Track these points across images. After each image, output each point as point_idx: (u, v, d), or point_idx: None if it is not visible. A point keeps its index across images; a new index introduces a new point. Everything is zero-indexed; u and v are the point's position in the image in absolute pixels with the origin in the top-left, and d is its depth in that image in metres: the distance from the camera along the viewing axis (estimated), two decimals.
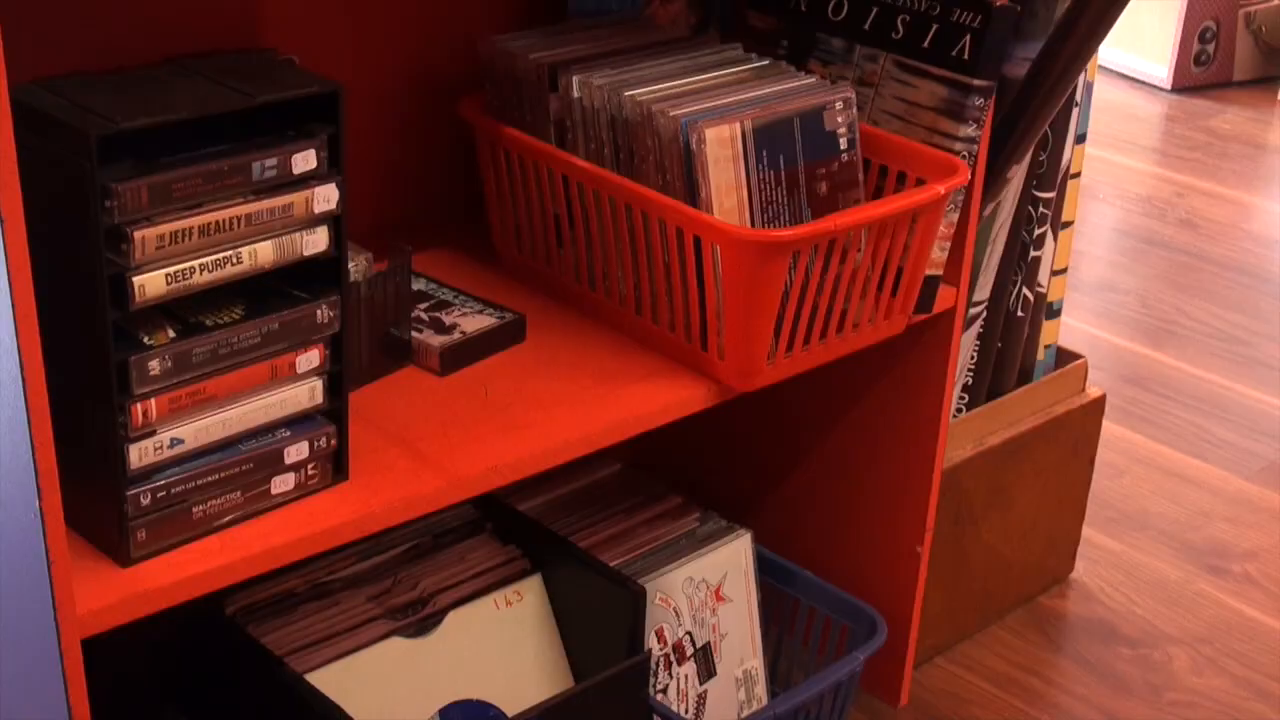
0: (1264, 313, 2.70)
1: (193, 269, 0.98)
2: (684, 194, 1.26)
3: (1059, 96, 1.48)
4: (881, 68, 1.42)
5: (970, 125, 1.37)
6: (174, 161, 0.96)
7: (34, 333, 0.86)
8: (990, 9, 1.35)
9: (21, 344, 0.86)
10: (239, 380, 1.03)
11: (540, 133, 1.36)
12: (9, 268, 0.84)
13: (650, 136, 1.27)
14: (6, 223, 0.84)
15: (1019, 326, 1.75)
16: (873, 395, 1.58)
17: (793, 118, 1.29)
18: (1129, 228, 3.04)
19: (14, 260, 0.84)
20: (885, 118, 1.42)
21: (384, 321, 1.26)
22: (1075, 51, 1.44)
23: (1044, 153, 1.66)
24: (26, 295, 0.85)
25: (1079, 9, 1.42)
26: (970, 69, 1.36)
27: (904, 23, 1.40)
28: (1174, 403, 2.38)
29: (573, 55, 1.36)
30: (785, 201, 1.29)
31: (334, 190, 1.03)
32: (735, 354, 1.27)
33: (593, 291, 1.37)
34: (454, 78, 1.49)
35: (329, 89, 1.02)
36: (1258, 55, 3.75)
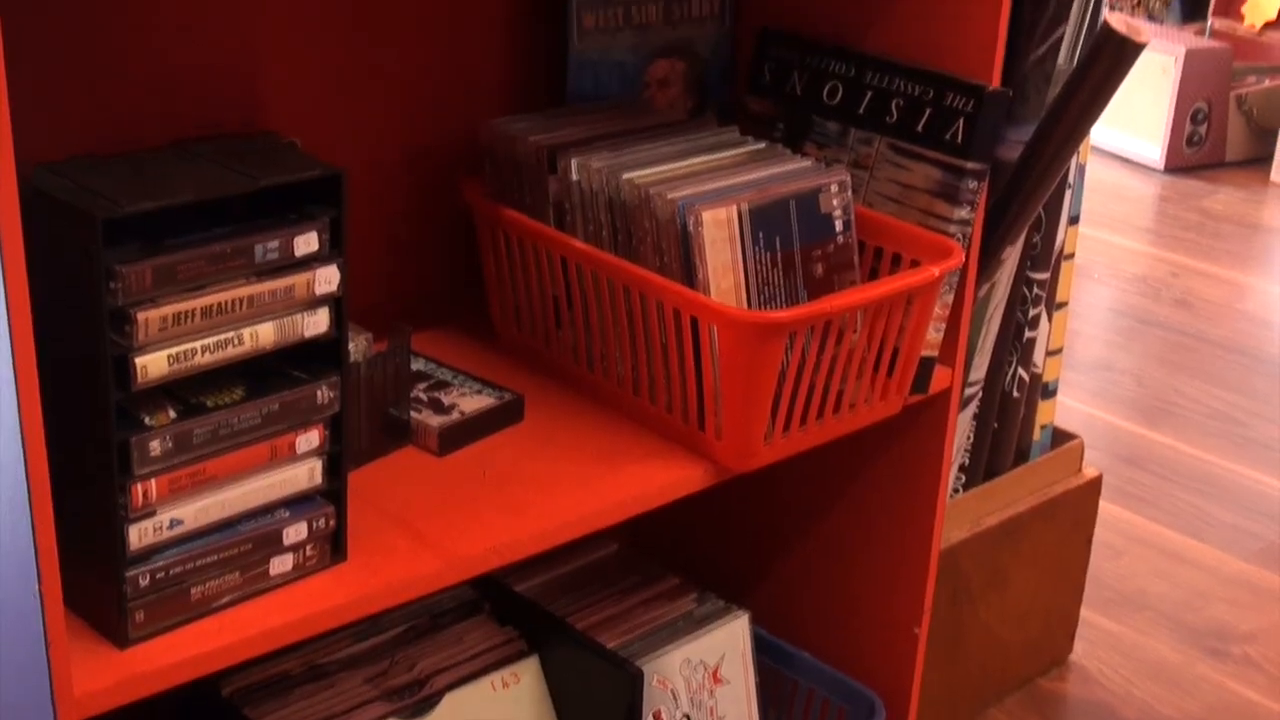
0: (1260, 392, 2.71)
1: (195, 350, 0.99)
2: (681, 275, 1.27)
3: (1052, 179, 1.50)
4: (876, 151, 1.44)
5: (964, 208, 1.39)
6: (178, 244, 0.97)
7: (37, 413, 0.87)
8: (983, 93, 1.37)
9: (24, 424, 0.87)
10: (239, 461, 1.04)
11: (539, 214, 1.37)
12: (14, 349, 0.85)
13: (648, 218, 1.28)
14: (12, 304, 0.84)
15: (1015, 407, 1.76)
16: (869, 475, 1.58)
17: (789, 200, 1.30)
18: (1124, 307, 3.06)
19: (19, 342, 0.85)
20: (880, 200, 1.43)
21: (383, 401, 1.27)
22: (1067, 135, 1.46)
23: (1038, 234, 1.67)
24: (30, 375, 0.86)
25: (1071, 93, 1.44)
26: (964, 152, 1.38)
27: (898, 107, 1.42)
28: (1171, 483, 2.38)
29: (571, 138, 1.38)
30: (782, 283, 1.31)
31: (335, 272, 1.04)
32: (732, 434, 1.28)
33: (591, 372, 1.38)
34: (454, 160, 1.50)
35: (331, 173, 1.03)
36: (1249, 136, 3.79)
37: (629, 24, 1.51)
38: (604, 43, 1.51)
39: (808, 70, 1.49)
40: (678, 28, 1.55)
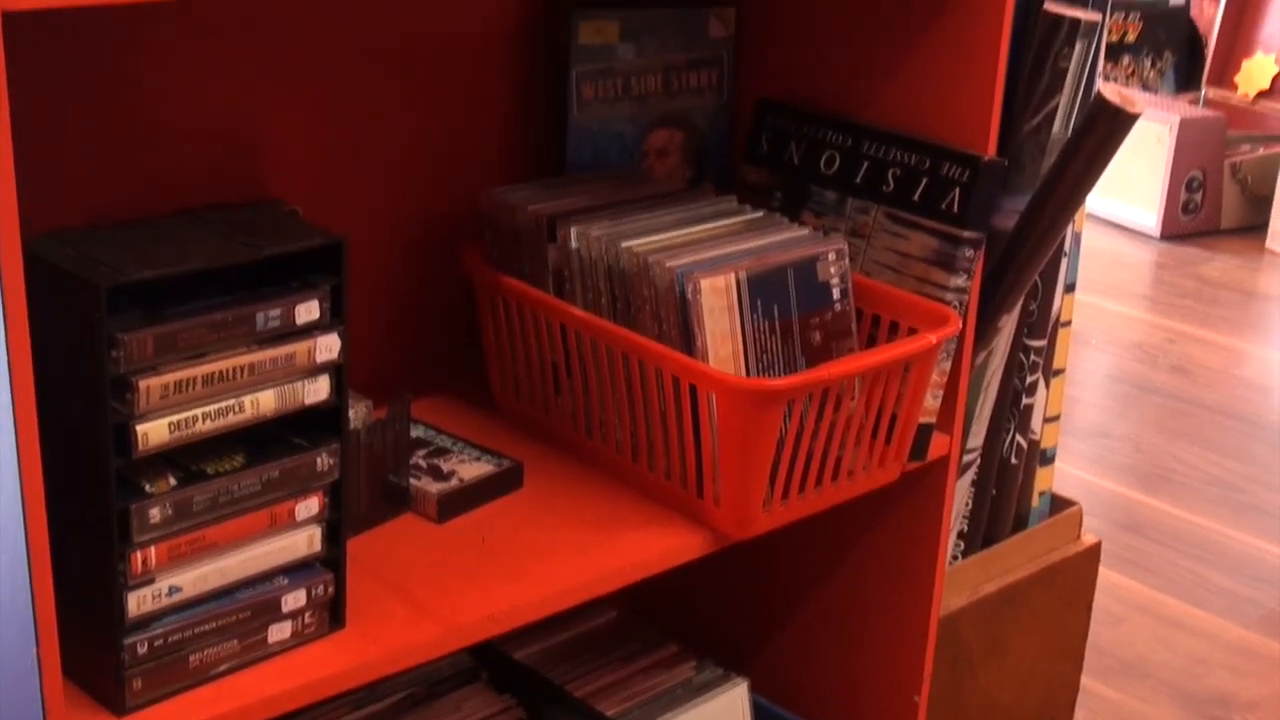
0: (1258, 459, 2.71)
1: (195, 417, 0.99)
2: (680, 343, 1.27)
3: (1048, 247, 1.51)
4: (873, 219, 1.45)
5: (961, 276, 1.40)
6: (180, 312, 0.98)
7: (38, 479, 0.87)
8: (979, 163, 1.38)
9: (25, 491, 0.87)
10: (238, 528, 1.04)
11: (539, 282, 1.38)
12: (15, 415, 0.86)
13: (647, 286, 1.29)
14: (15, 370, 0.85)
15: (1013, 473, 1.76)
16: (868, 542, 1.58)
17: (786, 268, 1.31)
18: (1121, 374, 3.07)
19: (20, 408, 0.86)
20: (877, 268, 1.44)
21: (383, 468, 1.27)
22: (1062, 204, 1.47)
23: (1034, 302, 1.68)
24: (31, 441, 0.87)
25: (1065, 163, 1.45)
26: (960, 221, 1.39)
27: (894, 176, 1.43)
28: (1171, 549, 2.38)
29: (571, 207, 1.39)
30: (780, 350, 1.31)
31: (336, 340, 1.05)
32: (731, 501, 1.28)
33: (590, 439, 1.39)
34: (454, 228, 1.51)
35: (332, 242, 1.04)
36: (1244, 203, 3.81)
37: (628, 95, 1.53)
38: (603, 113, 1.52)
39: (805, 140, 1.51)
40: (676, 98, 1.56)
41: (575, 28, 1.49)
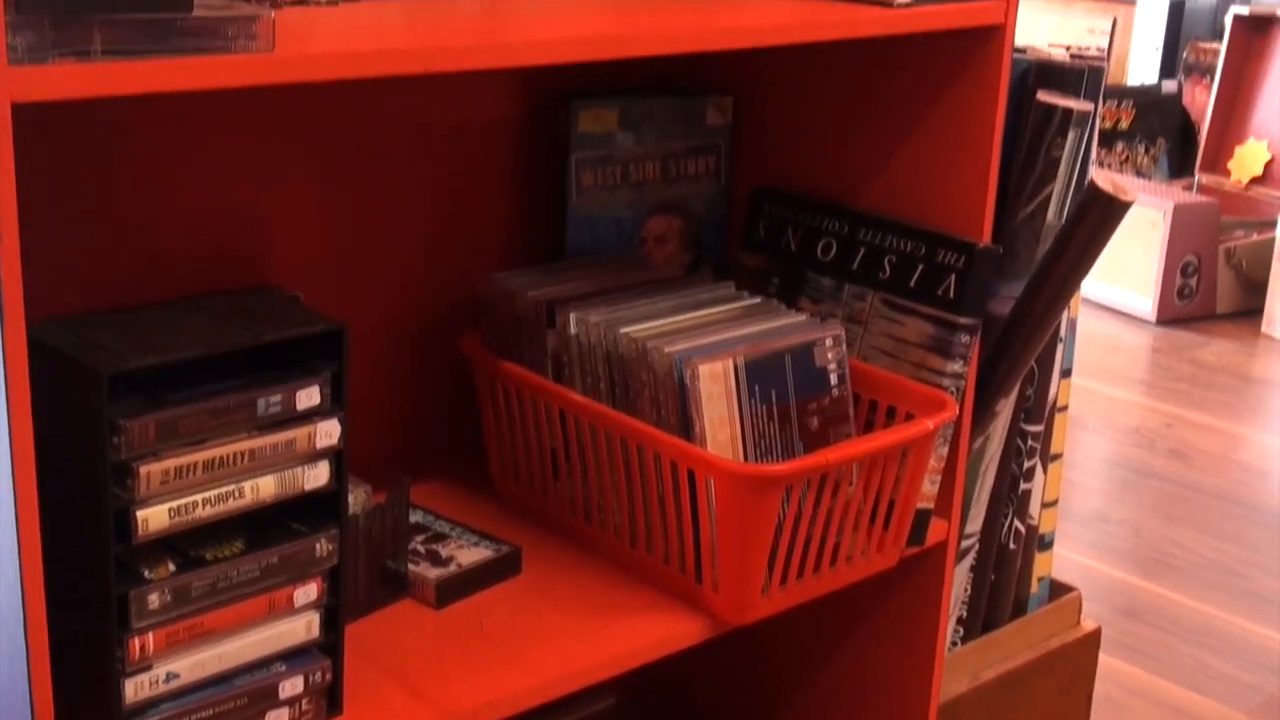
0: (1257, 544, 2.71)
1: (195, 503, 0.99)
2: (678, 428, 1.28)
3: (1043, 333, 1.52)
4: (870, 305, 1.46)
5: (957, 361, 1.41)
6: (181, 398, 0.99)
7: (37, 564, 0.87)
8: (974, 250, 1.40)
9: (24, 575, 0.87)
10: (237, 614, 1.04)
11: (538, 368, 1.39)
12: (16, 500, 0.86)
13: (645, 372, 1.30)
14: (16, 456, 0.85)
15: (1012, 559, 1.76)
16: (867, 628, 1.58)
17: (784, 354, 1.32)
18: (1119, 459, 3.07)
19: (22, 493, 0.86)
20: (874, 354, 1.45)
21: (381, 554, 1.27)
22: (1057, 290, 1.48)
23: (1031, 387, 1.69)
24: (32, 527, 0.87)
25: (1060, 250, 1.47)
26: (956, 307, 1.40)
27: (891, 263, 1.45)
28: (1171, 635, 2.37)
29: (570, 293, 1.40)
30: (778, 436, 1.32)
31: (336, 426, 1.06)
32: (729, 587, 1.28)
33: (588, 524, 1.39)
34: (454, 313, 1.52)
35: (333, 328, 1.05)
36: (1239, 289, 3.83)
37: (627, 181, 1.55)
38: (602, 200, 1.54)
39: (802, 227, 1.52)
40: (674, 185, 1.58)
41: (575, 116, 1.50)
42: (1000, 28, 1.37)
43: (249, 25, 0.91)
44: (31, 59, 0.83)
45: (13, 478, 0.85)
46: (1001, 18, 1.37)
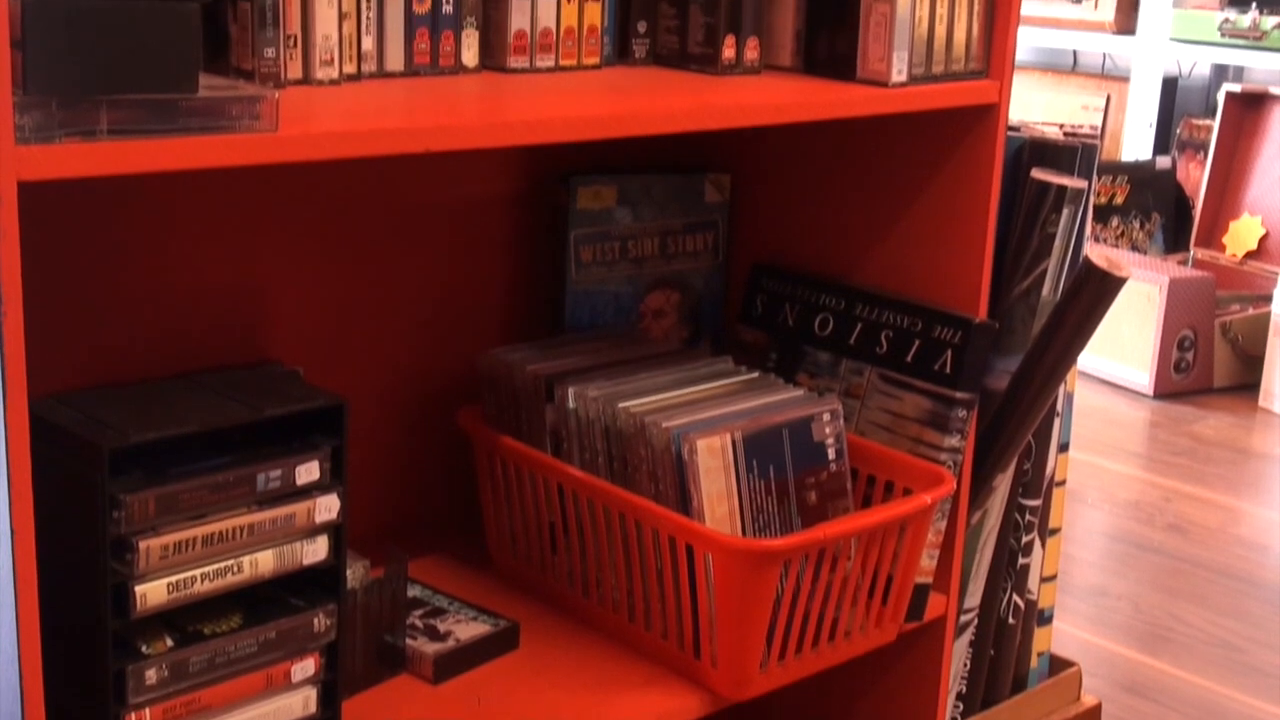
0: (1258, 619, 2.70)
1: (194, 578, 1.00)
2: (676, 503, 1.28)
3: (1040, 408, 1.53)
4: (867, 380, 1.47)
5: (954, 436, 1.41)
6: (181, 472, 0.99)
7: (35, 640, 0.87)
8: (970, 325, 1.41)
9: (22, 650, 0.87)
10: (234, 689, 1.04)
11: (536, 442, 1.39)
12: (16, 574, 0.86)
13: (643, 446, 1.30)
14: (16, 530, 0.86)
15: (1011, 633, 1.75)
16: (866, 704, 1.57)
17: (782, 428, 1.33)
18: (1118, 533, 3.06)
19: (21, 567, 0.86)
20: (872, 428, 1.46)
21: (379, 628, 1.27)
22: (1054, 365, 1.49)
23: (1028, 461, 1.69)
24: (30, 602, 0.87)
25: (1056, 326, 1.48)
26: (952, 382, 1.41)
27: (887, 338, 1.46)
28: (1172, 710, 2.35)
29: (568, 368, 1.41)
30: (775, 510, 1.32)
31: (335, 500, 1.06)
32: (728, 662, 1.27)
33: (586, 598, 1.39)
34: (453, 388, 1.53)
35: (333, 404, 1.06)
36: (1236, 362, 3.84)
37: (625, 257, 1.56)
38: (601, 275, 1.55)
39: (799, 302, 1.53)
40: (672, 261, 1.59)
41: (574, 192, 1.52)
42: (994, 107, 1.39)
43: (253, 105, 0.93)
44: (38, 138, 0.85)
45: (12, 552, 0.86)
46: (995, 97, 1.39)
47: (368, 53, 1.21)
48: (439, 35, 1.25)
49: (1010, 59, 1.40)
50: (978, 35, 1.39)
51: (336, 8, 1.16)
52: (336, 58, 1.17)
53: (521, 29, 1.30)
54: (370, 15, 1.21)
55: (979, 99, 1.38)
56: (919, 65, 1.34)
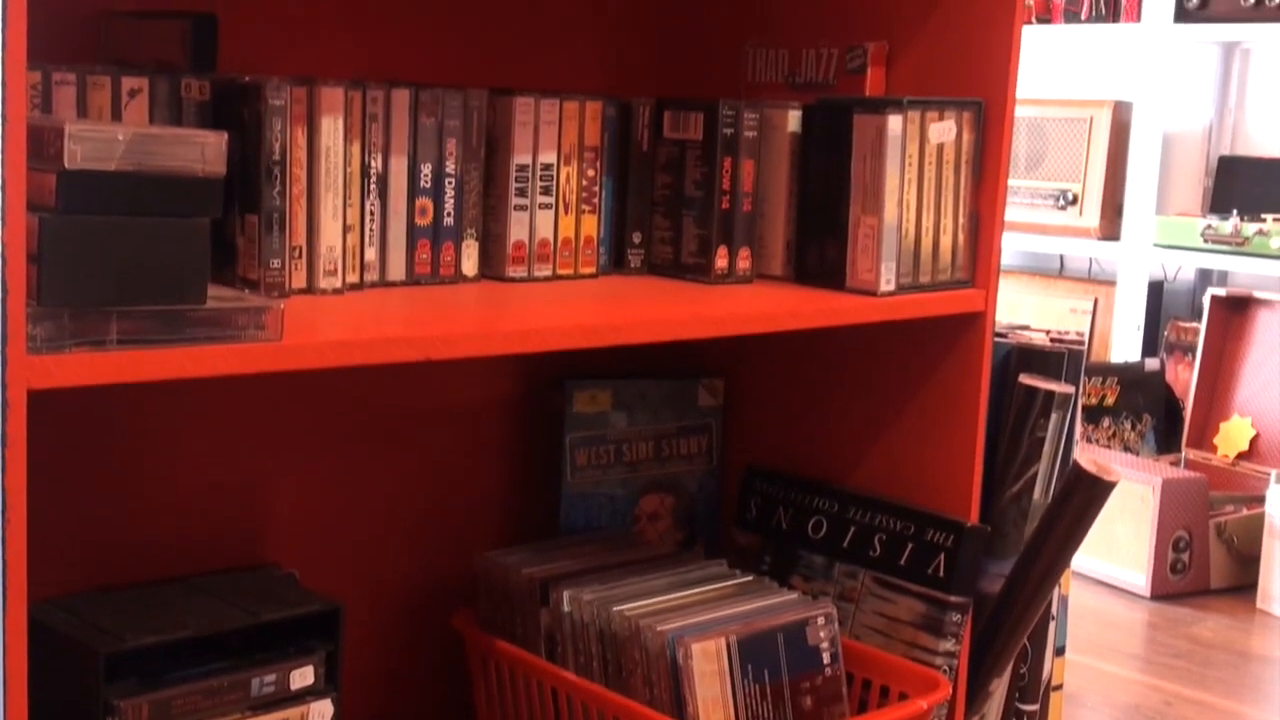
0: None
1: None
2: (672, 708, 1.28)
3: (1035, 612, 1.53)
4: (861, 584, 1.48)
5: (949, 640, 1.41)
6: (176, 678, 0.99)
7: None
8: (962, 528, 1.42)
9: None
10: None
11: (531, 645, 1.39)
12: None
13: (638, 650, 1.30)
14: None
15: None
16: None
17: (777, 632, 1.33)
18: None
19: None
20: (867, 632, 1.46)
21: None
22: (1047, 569, 1.50)
23: (1024, 665, 1.68)
24: None
25: (1047, 529, 1.49)
26: (946, 586, 1.41)
27: (881, 541, 1.47)
28: None
29: (563, 570, 1.41)
30: (771, 715, 1.31)
31: (329, 706, 1.06)
32: None
33: None
34: (449, 589, 1.53)
35: (328, 608, 1.06)
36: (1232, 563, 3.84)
37: (620, 461, 1.58)
38: (596, 478, 1.57)
39: (792, 505, 1.55)
40: (667, 465, 1.61)
41: (570, 397, 1.54)
42: (981, 315, 1.42)
43: (259, 315, 0.95)
44: (49, 348, 0.87)
45: None
46: (982, 305, 1.42)
47: (370, 263, 1.25)
48: (440, 246, 1.29)
49: (995, 268, 1.44)
50: (963, 245, 1.43)
51: (341, 220, 1.20)
52: (340, 268, 1.20)
53: (520, 240, 1.34)
54: (374, 227, 1.25)
55: (966, 307, 1.42)
56: (906, 275, 1.37)
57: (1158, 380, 3.98)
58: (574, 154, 1.37)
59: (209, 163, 0.93)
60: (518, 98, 1.33)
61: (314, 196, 1.18)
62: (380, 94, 1.24)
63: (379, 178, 1.25)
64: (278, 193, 1.15)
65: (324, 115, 1.18)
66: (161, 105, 1.15)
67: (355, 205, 1.22)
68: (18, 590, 0.86)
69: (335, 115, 1.19)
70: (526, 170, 1.34)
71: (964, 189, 1.42)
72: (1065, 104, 3.58)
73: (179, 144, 0.92)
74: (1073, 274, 4.11)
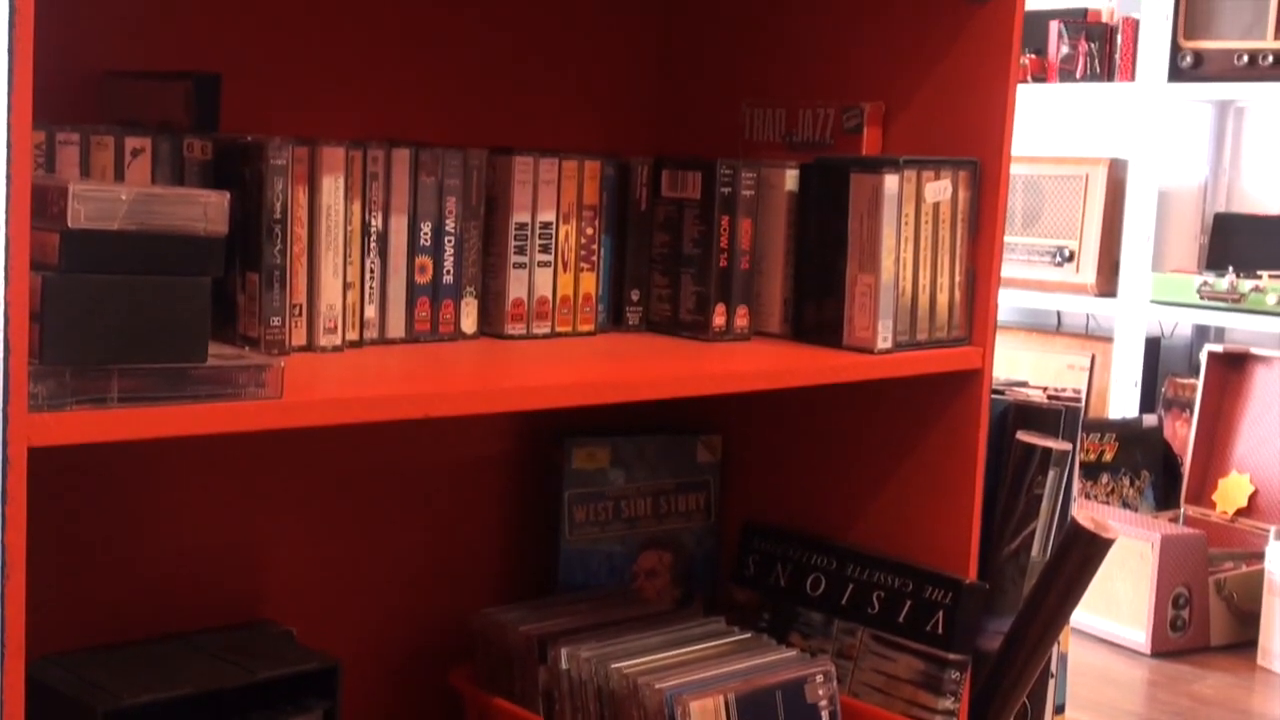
0: None
1: None
2: None
3: (1034, 669, 1.52)
4: (860, 641, 1.47)
5: (948, 698, 1.41)
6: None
7: None
8: (961, 586, 1.42)
9: None
10: None
11: (529, 703, 1.39)
12: None
13: (636, 708, 1.30)
14: None
15: None
16: None
17: (775, 690, 1.32)
18: None
19: None
20: (865, 690, 1.45)
21: None
22: (1046, 626, 1.49)
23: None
24: None
25: (1046, 587, 1.48)
26: (945, 643, 1.41)
27: (879, 598, 1.46)
28: None
29: (561, 628, 1.41)
30: None
31: None
32: None
33: None
34: (446, 646, 1.53)
35: (326, 666, 1.06)
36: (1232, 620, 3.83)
37: (618, 517, 1.58)
38: (594, 535, 1.57)
39: (790, 562, 1.55)
40: (665, 521, 1.61)
41: (568, 453, 1.55)
42: (978, 372, 1.43)
43: (259, 373, 0.96)
44: (50, 406, 0.87)
45: None
46: (979, 363, 1.43)
47: (370, 320, 1.25)
48: (439, 304, 1.30)
49: (992, 326, 1.44)
50: (960, 303, 1.43)
51: (341, 278, 1.21)
52: (340, 325, 1.21)
53: (519, 297, 1.34)
54: (374, 285, 1.26)
55: (963, 365, 1.42)
56: (903, 332, 1.38)
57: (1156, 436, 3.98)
58: (573, 212, 1.38)
59: (211, 222, 0.93)
60: (517, 157, 1.34)
61: (315, 254, 1.19)
62: (381, 153, 1.25)
63: (379, 236, 1.26)
64: (279, 251, 1.16)
65: (325, 174, 1.19)
66: (164, 164, 1.16)
67: (355, 263, 1.23)
68: (16, 647, 0.86)
69: (336, 174, 1.20)
70: (526, 228, 1.35)
71: (960, 247, 1.43)
72: (1061, 161, 3.60)
73: (181, 203, 0.93)
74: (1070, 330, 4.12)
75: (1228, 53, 3.10)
